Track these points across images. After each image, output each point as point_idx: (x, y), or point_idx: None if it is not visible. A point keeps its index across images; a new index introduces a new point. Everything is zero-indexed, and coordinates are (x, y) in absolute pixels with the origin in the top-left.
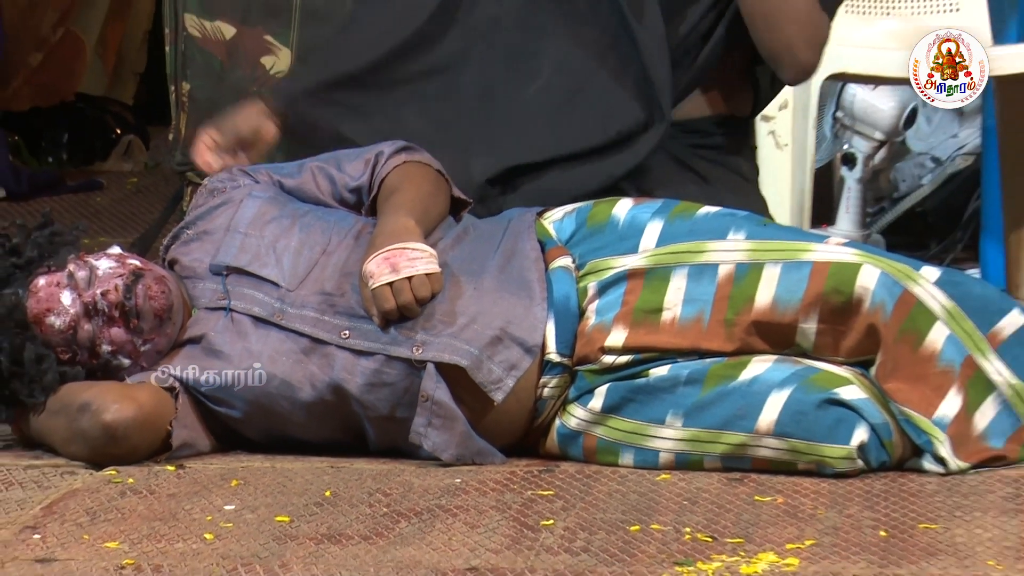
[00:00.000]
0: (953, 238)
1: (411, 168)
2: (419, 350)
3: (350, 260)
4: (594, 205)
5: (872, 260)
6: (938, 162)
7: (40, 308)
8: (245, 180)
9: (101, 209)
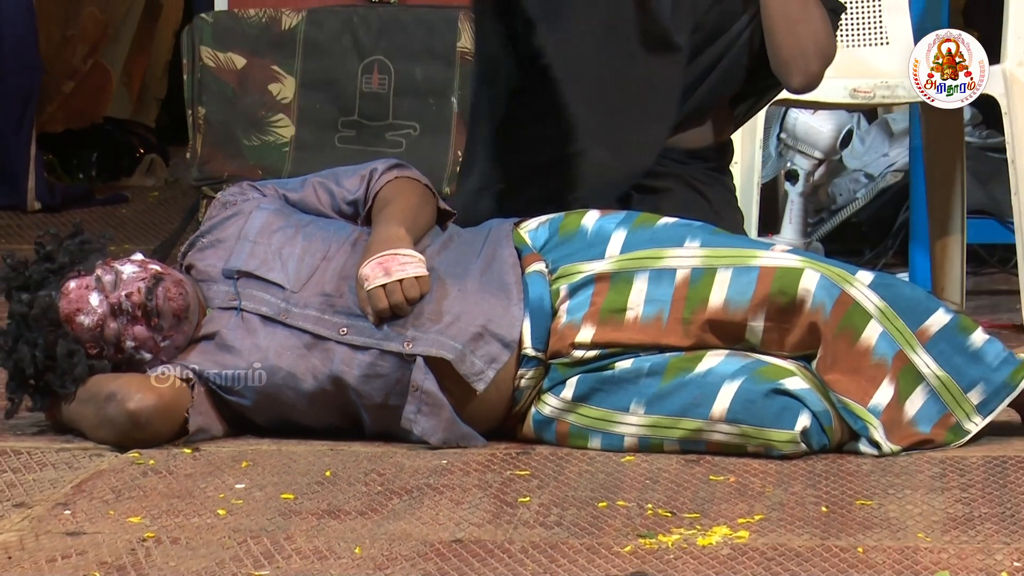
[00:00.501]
0: (884, 245)
1: (402, 183)
2: (409, 345)
3: (348, 265)
4: (565, 216)
5: (813, 265)
6: (871, 178)
7: (71, 308)
8: (254, 194)
9: (126, 220)
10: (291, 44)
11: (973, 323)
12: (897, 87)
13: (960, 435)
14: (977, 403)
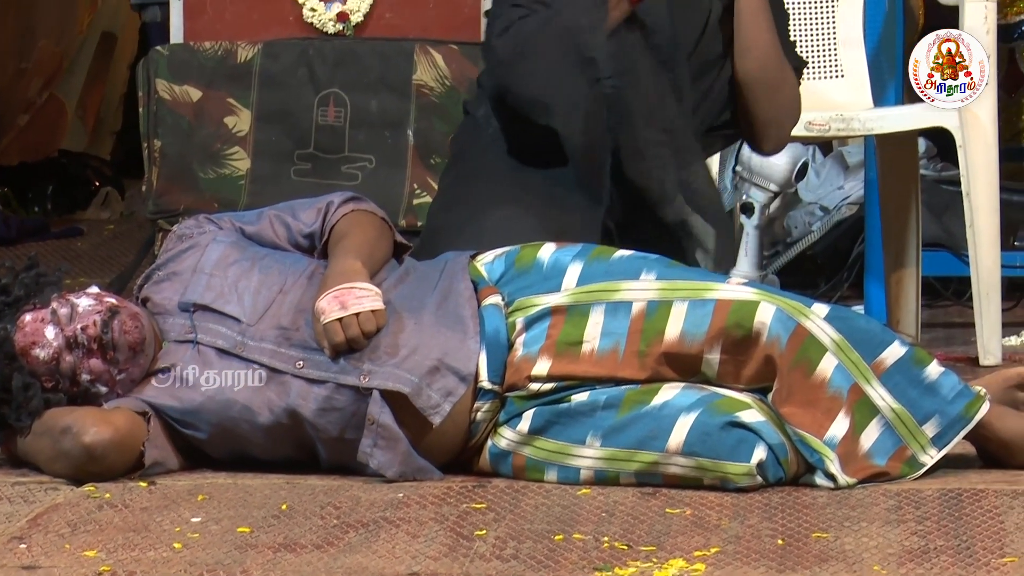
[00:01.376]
0: (840, 278)
1: (358, 216)
2: (366, 378)
3: (304, 298)
4: (521, 249)
5: (769, 298)
6: (826, 211)
7: (26, 341)
8: (210, 227)
9: (81, 253)
10: (247, 77)
11: (928, 356)
12: (852, 120)
13: (915, 468)
14: (932, 436)
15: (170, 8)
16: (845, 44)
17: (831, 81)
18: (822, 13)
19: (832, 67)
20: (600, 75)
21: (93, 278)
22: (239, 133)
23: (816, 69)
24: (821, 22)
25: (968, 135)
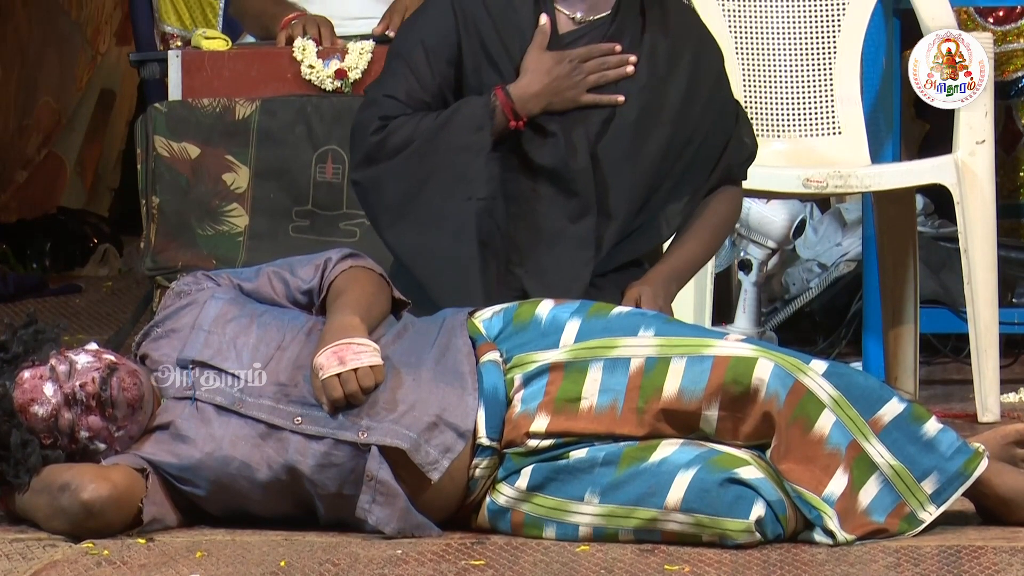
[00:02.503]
0: (838, 335)
1: (356, 272)
2: (364, 434)
3: (302, 354)
4: (519, 306)
5: (767, 354)
6: (824, 268)
7: (25, 398)
8: (208, 284)
9: (80, 310)
10: (245, 134)
11: (926, 412)
12: (850, 176)
13: (914, 524)
14: (931, 492)
15: (168, 65)
16: (843, 101)
17: (829, 138)
18: (820, 70)
19: (830, 124)
20: (474, 194)
21: (91, 335)
22: (237, 190)
23: (814, 126)
24: (819, 79)
25: (966, 192)
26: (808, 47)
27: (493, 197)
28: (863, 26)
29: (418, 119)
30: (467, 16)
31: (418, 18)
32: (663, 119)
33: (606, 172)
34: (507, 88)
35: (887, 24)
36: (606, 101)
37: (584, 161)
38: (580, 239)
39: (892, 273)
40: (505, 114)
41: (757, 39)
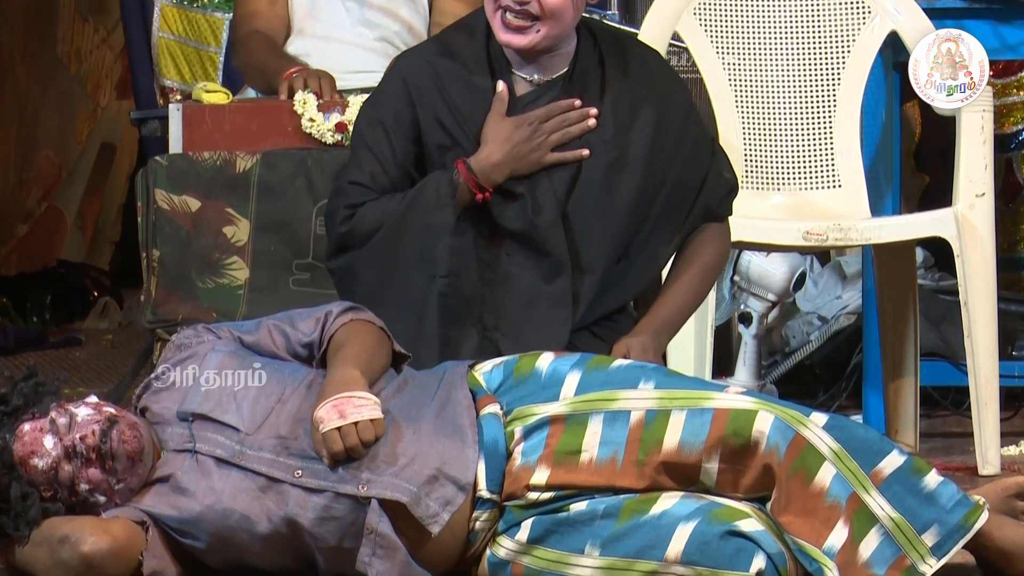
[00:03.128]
0: (838, 388)
1: (357, 326)
2: (364, 488)
3: (302, 407)
4: (520, 359)
5: (767, 407)
6: (824, 320)
7: (25, 451)
8: (208, 336)
9: (80, 363)
10: (245, 187)
11: (927, 465)
12: (850, 229)
13: None
14: (932, 545)
15: (169, 119)
16: (843, 154)
17: (829, 191)
18: (820, 123)
19: (830, 177)
20: (436, 273)
21: (91, 388)
22: (238, 243)
23: (814, 179)
24: (819, 132)
25: (966, 245)
26: (808, 100)
27: (456, 273)
28: (863, 79)
29: (384, 203)
30: (421, 91)
31: (375, 99)
32: (631, 168)
33: (578, 228)
34: (468, 161)
35: (887, 77)
36: (571, 157)
37: (553, 219)
38: (555, 298)
39: (892, 326)
40: (469, 188)
41: (757, 92)
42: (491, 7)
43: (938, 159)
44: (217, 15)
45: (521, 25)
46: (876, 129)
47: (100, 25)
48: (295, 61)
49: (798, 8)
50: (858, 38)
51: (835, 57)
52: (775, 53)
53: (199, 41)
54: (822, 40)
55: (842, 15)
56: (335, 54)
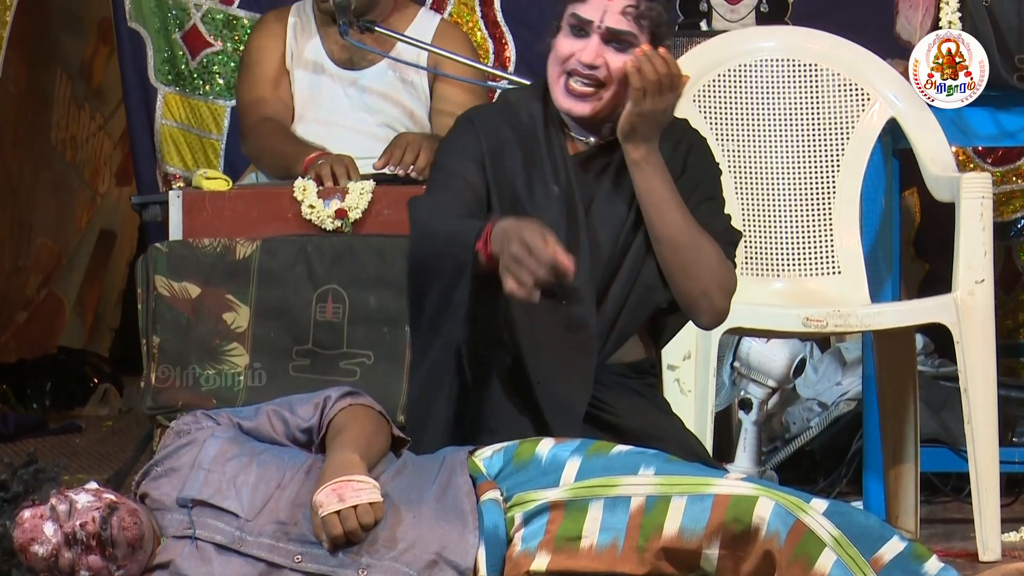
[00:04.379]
0: (839, 474)
1: (356, 410)
2: (364, 572)
3: (302, 492)
4: (520, 444)
5: (767, 493)
6: (824, 407)
7: (25, 538)
8: (207, 423)
9: (80, 449)
10: (245, 273)
11: (927, 551)
12: (850, 315)
13: None
14: None
15: (169, 205)
16: (842, 241)
17: (829, 277)
18: (819, 210)
19: (829, 264)
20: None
21: (91, 474)
22: (238, 329)
23: (814, 265)
24: (818, 219)
25: (965, 331)
26: (808, 186)
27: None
28: (862, 166)
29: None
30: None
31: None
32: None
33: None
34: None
35: (886, 164)
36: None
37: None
38: (579, 346)
39: (892, 412)
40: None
41: (757, 178)
42: (556, 71)
43: (938, 247)
44: (219, 102)
45: (585, 92)
46: (876, 216)
47: (97, 112)
48: (313, 146)
49: (798, 95)
50: (857, 125)
51: (835, 143)
52: (775, 140)
53: (201, 128)
54: (822, 126)
55: (842, 102)
56: (336, 139)
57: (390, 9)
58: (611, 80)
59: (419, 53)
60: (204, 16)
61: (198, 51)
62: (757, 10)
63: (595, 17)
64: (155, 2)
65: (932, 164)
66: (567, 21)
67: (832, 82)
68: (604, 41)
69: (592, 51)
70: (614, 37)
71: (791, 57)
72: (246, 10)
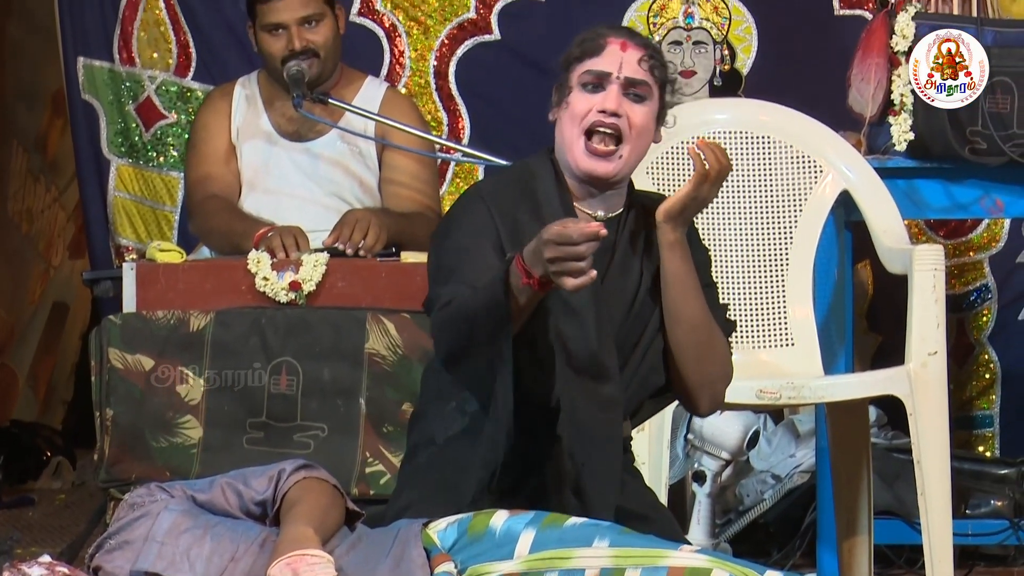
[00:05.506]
0: (793, 546)
1: (310, 483)
2: None
3: (256, 566)
4: (474, 516)
5: (721, 565)
6: (778, 479)
7: None
8: (161, 495)
9: (33, 522)
10: (199, 346)
11: None
12: (803, 388)
13: None
14: None
15: (123, 277)
16: (795, 313)
17: (782, 349)
18: (773, 282)
19: (783, 336)
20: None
21: (45, 547)
22: (191, 402)
23: (767, 338)
24: (772, 291)
25: (919, 403)
26: (761, 258)
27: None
28: (815, 238)
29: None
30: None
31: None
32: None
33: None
34: None
35: (839, 236)
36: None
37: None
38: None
39: (846, 484)
40: (518, 272)
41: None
42: (574, 132)
43: (891, 319)
44: (173, 174)
45: (607, 151)
46: (829, 287)
47: (52, 184)
48: (261, 221)
49: (751, 167)
50: (810, 197)
51: (788, 215)
52: (728, 211)
53: (154, 200)
54: (775, 198)
55: (795, 174)
56: (286, 209)
57: (337, 79)
58: (630, 135)
59: (367, 122)
60: (158, 88)
61: (152, 123)
62: (711, 83)
63: (613, 69)
64: (108, 74)
65: (885, 236)
66: (579, 80)
67: (785, 154)
68: (623, 92)
69: (614, 99)
70: (632, 87)
71: (744, 130)
72: (200, 82)
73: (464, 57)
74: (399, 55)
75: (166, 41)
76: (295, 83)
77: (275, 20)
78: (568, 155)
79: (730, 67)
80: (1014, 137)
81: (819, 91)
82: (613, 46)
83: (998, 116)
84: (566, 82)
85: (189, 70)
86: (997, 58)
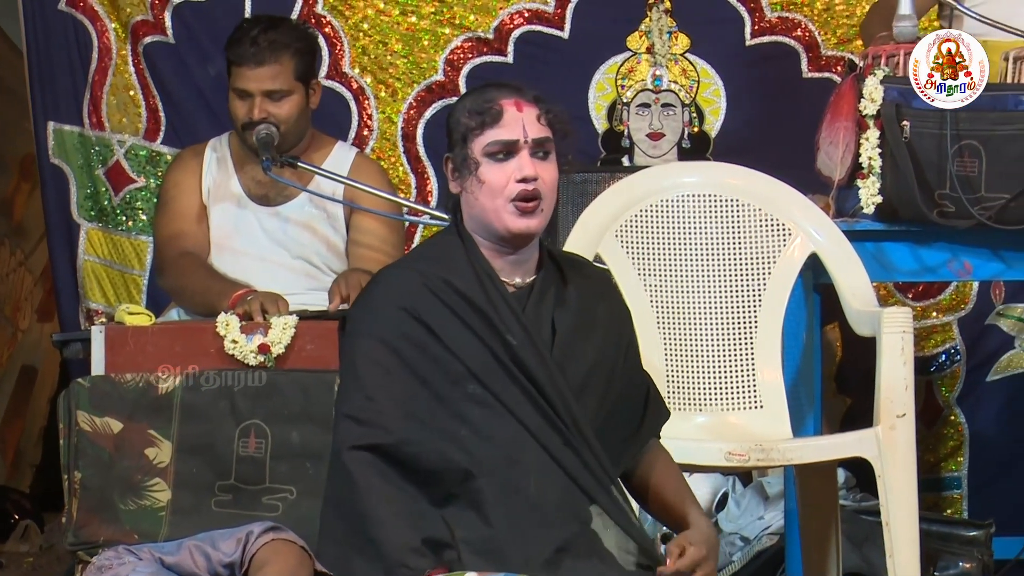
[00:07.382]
0: None
1: (278, 545)
2: None
3: None
4: None
5: None
6: (747, 541)
7: None
8: (129, 558)
9: None
10: (168, 409)
11: None
12: (772, 450)
13: None
14: None
15: (92, 340)
16: (764, 375)
17: (751, 412)
18: (741, 345)
19: (751, 398)
20: None
21: None
22: (160, 465)
23: (735, 400)
24: (740, 354)
25: (887, 465)
26: (729, 321)
27: None
28: (784, 301)
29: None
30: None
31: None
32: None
33: None
34: None
35: (807, 299)
36: None
37: None
38: None
39: (814, 547)
40: None
41: (679, 313)
42: (496, 203)
43: (859, 382)
44: (142, 238)
45: (532, 207)
46: (797, 350)
47: (18, 248)
48: (237, 282)
49: (719, 230)
50: (779, 259)
51: (756, 278)
52: (696, 275)
53: (124, 264)
54: (743, 261)
55: (763, 236)
56: (253, 272)
57: (308, 144)
58: (546, 191)
59: (336, 186)
60: (127, 152)
61: (121, 187)
62: (679, 145)
63: (518, 135)
64: (78, 139)
65: (853, 298)
66: (484, 152)
67: (753, 217)
68: (532, 155)
69: (529, 165)
70: (539, 147)
71: (713, 192)
72: (169, 146)
73: (432, 120)
74: (367, 118)
75: (135, 105)
76: (264, 146)
77: (242, 86)
78: (494, 223)
79: (699, 129)
80: (982, 200)
81: (788, 154)
82: (510, 109)
83: (966, 179)
84: (468, 155)
85: (158, 134)
86: (966, 122)
